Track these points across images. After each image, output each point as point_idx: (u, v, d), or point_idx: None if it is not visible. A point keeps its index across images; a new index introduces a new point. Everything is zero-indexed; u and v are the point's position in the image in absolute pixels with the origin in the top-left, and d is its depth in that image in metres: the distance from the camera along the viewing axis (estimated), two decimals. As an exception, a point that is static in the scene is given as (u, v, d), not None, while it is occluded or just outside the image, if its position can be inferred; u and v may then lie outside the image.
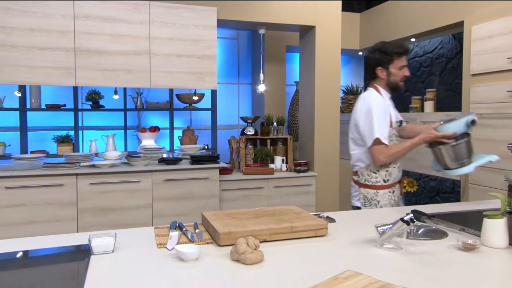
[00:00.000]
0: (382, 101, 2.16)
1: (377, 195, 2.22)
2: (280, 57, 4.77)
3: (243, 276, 1.19)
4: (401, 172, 2.31)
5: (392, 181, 2.24)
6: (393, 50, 2.16)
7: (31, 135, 3.99)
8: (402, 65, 2.18)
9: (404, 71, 2.20)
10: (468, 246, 1.38)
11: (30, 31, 3.07)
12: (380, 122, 2.11)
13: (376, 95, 2.19)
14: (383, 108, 2.13)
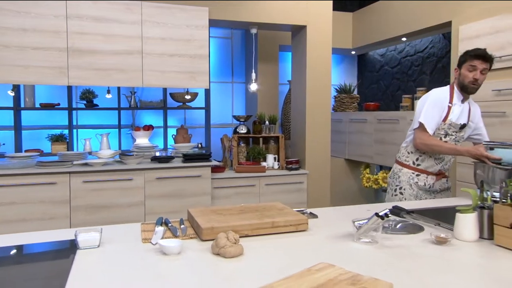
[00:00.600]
0: (441, 96, 2.33)
1: (400, 171, 2.47)
2: (273, 56, 4.82)
3: (222, 269, 1.24)
4: (443, 167, 2.44)
5: (423, 168, 2.42)
6: (469, 52, 2.27)
7: (26, 134, 4.03)
8: (472, 67, 2.25)
9: (474, 74, 2.25)
10: (440, 240, 1.43)
11: (23, 31, 3.11)
12: (429, 111, 2.30)
13: (441, 90, 2.38)
14: (438, 101, 2.31)
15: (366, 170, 4.98)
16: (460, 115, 2.35)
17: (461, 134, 2.41)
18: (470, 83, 2.27)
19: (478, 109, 2.50)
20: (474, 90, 2.31)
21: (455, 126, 2.35)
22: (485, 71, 2.26)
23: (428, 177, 2.43)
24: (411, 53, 4.95)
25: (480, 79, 2.27)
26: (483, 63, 2.23)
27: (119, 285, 1.11)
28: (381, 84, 5.48)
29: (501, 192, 1.46)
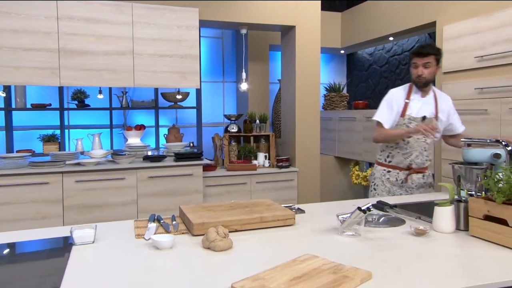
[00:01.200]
0: (396, 94, 2.50)
1: (375, 168, 2.64)
2: (263, 55, 4.88)
3: (212, 261, 1.30)
4: (413, 162, 2.50)
5: (394, 164, 2.54)
6: (410, 51, 2.45)
7: (17, 134, 4.05)
8: (414, 64, 2.43)
9: (417, 70, 2.42)
10: (419, 232, 1.51)
11: (14, 32, 3.14)
12: (381, 109, 2.51)
13: (397, 89, 2.56)
14: (390, 99, 2.49)
15: (356, 167, 5.07)
16: (421, 109, 2.45)
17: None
18: (416, 78, 2.43)
19: (448, 101, 2.55)
20: (422, 84, 2.44)
21: (415, 119, 2.44)
22: (429, 64, 2.39)
23: (399, 173, 2.52)
24: (399, 52, 5.05)
25: (425, 73, 2.40)
26: (422, 58, 2.39)
27: (114, 278, 1.17)
28: (370, 82, 5.57)
29: (476, 186, 1.54)
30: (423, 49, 2.40)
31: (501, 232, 1.37)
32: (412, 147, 2.48)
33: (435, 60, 2.41)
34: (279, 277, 1.11)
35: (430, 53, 2.38)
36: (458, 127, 2.59)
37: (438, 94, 2.55)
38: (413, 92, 2.50)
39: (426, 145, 2.49)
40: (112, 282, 1.14)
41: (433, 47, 2.44)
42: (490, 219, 1.42)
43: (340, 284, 1.07)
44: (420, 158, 2.50)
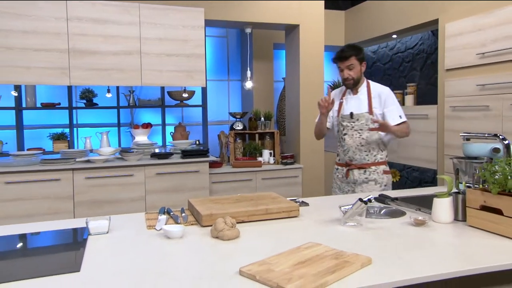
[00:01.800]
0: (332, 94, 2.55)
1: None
2: (268, 54, 4.95)
3: (220, 249, 1.37)
4: (351, 158, 2.54)
5: (339, 161, 2.66)
6: (333, 57, 2.54)
7: (27, 133, 4.15)
8: (339, 68, 2.52)
9: (341, 74, 2.51)
10: (418, 222, 1.58)
11: (25, 33, 3.22)
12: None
13: (336, 90, 2.70)
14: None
15: (359, 164, 5.12)
16: (352, 106, 2.52)
17: (361, 123, 2.48)
18: (343, 81, 2.53)
19: (383, 96, 2.50)
20: (350, 85, 2.53)
21: (346, 117, 2.53)
22: (352, 66, 2.45)
23: (344, 169, 2.60)
24: (402, 49, 5.09)
25: (351, 75, 2.47)
26: (344, 62, 2.46)
27: (128, 264, 1.25)
28: (373, 80, 5.62)
29: (474, 178, 1.60)
30: (343, 53, 2.46)
31: (497, 221, 1.43)
32: (348, 144, 2.52)
33: (357, 60, 2.45)
34: (284, 262, 1.18)
35: (350, 55, 2.44)
36: (390, 121, 2.46)
37: (373, 88, 2.55)
38: (347, 92, 2.59)
39: (362, 141, 2.49)
40: (126, 267, 1.21)
41: (352, 48, 2.48)
42: (487, 209, 1.48)
43: (341, 268, 1.13)
44: (359, 154, 2.52)
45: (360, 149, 2.51)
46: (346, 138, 2.52)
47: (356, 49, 2.48)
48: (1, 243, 1.50)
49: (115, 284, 1.09)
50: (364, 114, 2.48)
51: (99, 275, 1.16)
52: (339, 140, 2.60)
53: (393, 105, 2.51)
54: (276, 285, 1.04)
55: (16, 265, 1.26)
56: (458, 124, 3.48)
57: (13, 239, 1.54)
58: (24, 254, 1.41)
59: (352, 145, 2.51)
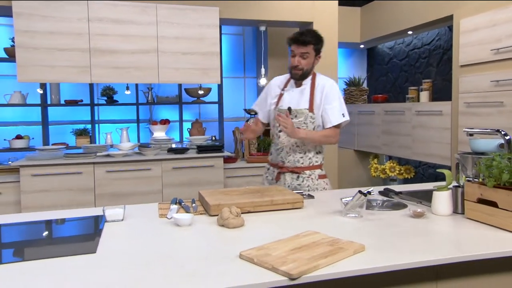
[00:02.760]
0: (273, 83, 2.36)
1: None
2: (283, 51, 5.01)
3: (224, 236, 1.47)
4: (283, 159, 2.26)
5: (272, 160, 2.38)
6: (289, 37, 2.20)
7: (52, 128, 4.35)
8: (292, 52, 2.18)
9: (293, 60, 2.15)
10: (417, 214, 1.63)
11: (50, 34, 3.40)
12: (260, 97, 2.45)
13: (278, 77, 2.39)
14: (269, 87, 2.38)
15: (374, 160, 5.14)
16: (291, 101, 2.22)
17: (299, 120, 2.18)
18: (292, 68, 2.18)
19: (325, 90, 2.20)
20: (297, 76, 2.18)
21: (283, 112, 2.17)
22: (307, 55, 2.13)
23: (275, 171, 2.31)
24: (418, 45, 5.07)
25: (301, 64, 2.13)
26: (299, 47, 2.12)
27: (139, 247, 1.36)
28: (389, 76, 5.61)
29: (473, 172, 1.64)
30: (302, 36, 2.11)
31: (492, 214, 1.48)
32: (282, 142, 2.23)
33: (314, 50, 2.15)
34: (281, 248, 1.27)
35: (309, 42, 2.12)
36: (327, 121, 2.20)
37: (318, 81, 2.23)
38: (291, 83, 2.27)
39: (298, 141, 2.21)
40: (137, 250, 1.32)
41: (314, 35, 2.15)
42: (483, 202, 1.53)
43: (335, 253, 1.21)
44: (292, 156, 2.23)
45: (295, 150, 2.23)
46: (282, 136, 2.22)
47: (317, 37, 2.16)
48: (29, 228, 1.64)
49: (125, 263, 1.20)
50: (304, 110, 2.17)
51: (112, 256, 1.27)
52: (274, 137, 2.34)
53: (335, 101, 2.20)
54: (271, 266, 1.12)
55: (41, 247, 1.40)
56: (472, 121, 3.47)
57: (39, 225, 1.68)
58: (49, 238, 1.55)
59: (287, 144, 2.22)
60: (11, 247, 1.43)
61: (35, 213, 1.83)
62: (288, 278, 1.08)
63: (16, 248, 1.42)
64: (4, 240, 1.54)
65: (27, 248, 1.39)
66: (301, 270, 1.09)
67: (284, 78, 2.33)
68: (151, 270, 1.14)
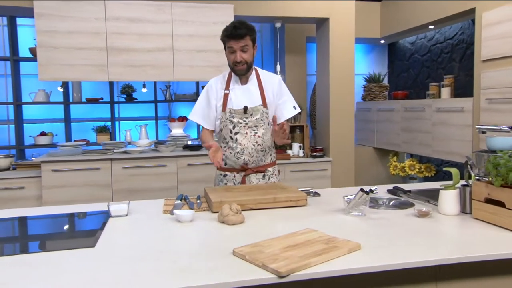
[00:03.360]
0: (212, 85, 2.16)
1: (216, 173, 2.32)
2: (300, 47, 4.97)
3: (223, 233, 1.48)
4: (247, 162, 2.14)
5: (229, 166, 2.19)
6: (222, 32, 2.06)
7: (74, 125, 4.49)
8: (230, 48, 2.04)
9: (234, 56, 2.03)
10: (422, 213, 1.59)
11: (69, 34, 3.50)
12: (198, 105, 2.21)
13: (215, 78, 2.21)
14: (209, 91, 2.17)
15: (394, 158, 5.04)
16: (241, 99, 2.11)
17: (255, 118, 2.10)
18: (234, 65, 2.06)
19: (275, 84, 2.16)
20: (243, 71, 2.07)
21: (237, 112, 2.09)
22: (247, 47, 2.02)
23: (236, 175, 2.19)
24: (441, 40, 4.92)
25: (244, 58, 2.02)
26: (238, 41, 1.99)
27: (136, 242, 1.38)
28: (411, 72, 5.47)
29: (481, 171, 1.58)
30: (237, 30, 1.98)
31: (499, 214, 1.42)
32: (242, 145, 2.11)
33: (251, 40, 2.04)
34: (275, 245, 1.26)
35: (246, 34, 1.99)
36: (280, 115, 2.15)
37: (264, 77, 2.17)
38: (233, 81, 2.14)
39: (259, 139, 2.13)
40: (134, 245, 1.35)
41: (248, 27, 2.03)
42: (491, 202, 1.47)
43: (328, 252, 1.20)
44: (256, 156, 2.14)
45: (257, 150, 2.13)
46: (239, 138, 2.10)
47: (250, 28, 2.03)
48: (35, 222, 1.70)
49: (120, 257, 1.23)
50: (259, 107, 2.10)
51: (109, 250, 1.30)
52: (227, 141, 2.15)
53: (286, 95, 2.19)
54: (262, 264, 1.12)
55: (44, 240, 1.44)
56: (494, 117, 3.35)
57: (48, 220, 1.73)
58: (54, 231, 1.60)
59: (248, 145, 2.11)
60: (15, 241, 1.49)
61: (46, 208, 1.90)
62: (277, 276, 1.07)
63: (18, 241, 1.47)
64: (6, 234, 1.60)
65: (31, 242, 1.44)
66: (290, 268, 1.08)
67: (223, 78, 2.18)
68: (143, 264, 1.17)
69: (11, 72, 3.99)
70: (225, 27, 2.05)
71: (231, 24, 2.03)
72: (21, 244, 1.44)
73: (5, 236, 1.56)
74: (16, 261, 1.21)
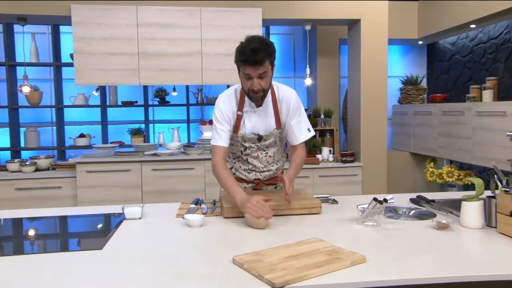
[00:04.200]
0: (225, 104, 1.90)
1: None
2: (333, 50, 4.88)
3: (229, 240, 1.46)
4: (258, 176, 2.04)
5: (239, 177, 2.06)
6: (237, 55, 1.80)
7: (111, 128, 4.66)
8: (247, 75, 1.78)
9: (251, 83, 1.77)
10: (441, 225, 1.49)
11: (104, 40, 3.64)
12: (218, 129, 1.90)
13: (226, 96, 1.94)
14: (223, 112, 1.90)
15: (431, 164, 4.81)
16: (256, 124, 1.91)
17: (269, 142, 1.96)
18: (251, 93, 1.81)
19: (291, 101, 1.93)
20: (259, 99, 1.83)
21: (250, 140, 1.93)
22: (265, 74, 1.76)
23: (246, 187, 2.07)
24: (484, 40, 4.65)
25: (262, 86, 1.77)
26: (256, 68, 1.73)
27: (143, 245, 1.40)
28: (451, 74, 5.21)
29: (508, 181, 1.47)
30: (257, 55, 1.70)
31: (524, 229, 1.31)
32: (253, 164, 2.02)
33: (270, 63, 1.78)
34: (277, 254, 1.23)
35: (264, 58, 1.72)
36: (295, 139, 1.96)
37: (280, 94, 1.94)
38: (247, 102, 1.90)
39: (270, 159, 2.03)
40: (137, 249, 1.37)
41: (268, 49, 1.75)
42: (517, 215, 1.36)
43: (329, 264, 1.15)
44: (267, 172, 2.05)
45: (267, 166, 2.05)
46: (250, 159, 2.01)
47: (270, 50, 1.76)
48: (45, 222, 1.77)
49: (123, 260, 1.25)
50: (273, 132, 1.93)
51: (115, 253, 1.32)
52: (237, 156, 2.05)
53: (301, 115, 1.97)
54: (258, 274, 1.10)
55: (55, 240, 1.50)
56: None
57: (56, 219, 1.80)
58: (64, 232, 1.67)
59: (259, 166, 2.03)
60: (26, 239, 1.55)
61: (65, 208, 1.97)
62: (271, 287, 1.04)
63: (32, 239, 1.54)
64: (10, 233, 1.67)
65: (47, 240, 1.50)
66: (285, 280, 1.05)
67: (234, 97, 1.93)
68: (143, 267, 1.18)
69: (54, 77, 4.20)
70: (241, 48, 1.76)
71: (247, 43, 1.74)
72: (30, 242, 1.50)
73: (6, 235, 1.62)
74: (23, 261, 1.26)
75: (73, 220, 1.80)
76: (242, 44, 1.79)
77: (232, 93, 1.95)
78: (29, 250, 1.39)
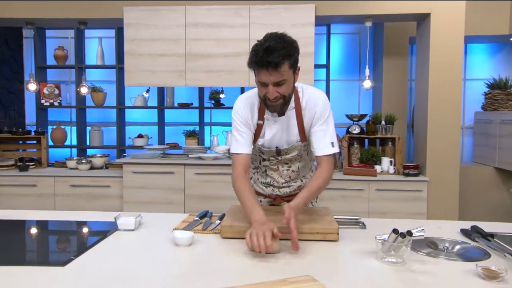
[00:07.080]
0: (243, 110, 1.66)
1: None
2: (402, 49, 4.38)
3: (211, 266, 1.23)
4: (275, 191, 1.82)
5: (256, 189, 1.84)
6: (250, 57, 1.52)
7: (168, 129, 4.69)
8: (260, 81, 1.51)
9: (266, 91, 1.50)
10: (488, 274, 1.10)
11: (153, 41, 3.63)
12: (238, 136, 1.66)
13: (244, 100, 1.68)
14: (242, 117, 1.66)
15: (519, 182, 4.07)
16: (277, 136, 1.66)
17: (291, 155, 1.70)
18: (265, 100, 1.54)
19: (317, 105, 1.62)
20: (277, 108, 1.55)
21: (268, 153, 1.69)
22: (283, 81, 1.46)
23: (262, 200, 1.86)
24: None
25: (280, 93, 1.49)
26: (270, 73, 1.44)
27: (115, 265, 1.23)
28: (550, 76, 4.39)
29: None
30: (270, 55, 1.42)
31: None
32: (272, 177, 1.79)
33: (289, 67, 1.48)
34: (245, 296, 0.98)
35: (282, 61, 1.43)
36: (317, 148, 1.63)
37: (305, 98, 1.64)
38: (267, 111, 1.62)
39: (292, 174, 1.77)
40: (109, 268, 1.20)
41: (284, 47, 1.46)
42: None
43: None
44: (287, 188, 1.80)
45: (289, 182, 1.81)
46: (269, 171, 1.80)
47: (289, 47, 1.48)
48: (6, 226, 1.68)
49: (85, 280, 1.09)
50: (296, 145, 1.68)
51: (79, 271, 1.17)
52: (256, 165, 1.84)
53: (327, 124, 1.64)
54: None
55: (12, 252, 1.38)
56: None
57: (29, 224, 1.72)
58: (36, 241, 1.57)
59: (279, 180, 1.80)
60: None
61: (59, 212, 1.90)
62: None
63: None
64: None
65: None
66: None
67: (253, 101, 1.67)
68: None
69: (115, 79, 4.33)
70: (254, 47, 1.51)
71: (263, 41, 1.49)
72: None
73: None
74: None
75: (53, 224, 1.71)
76: (257, 42, 1.52)
77: (248, 99, 1.68)
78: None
